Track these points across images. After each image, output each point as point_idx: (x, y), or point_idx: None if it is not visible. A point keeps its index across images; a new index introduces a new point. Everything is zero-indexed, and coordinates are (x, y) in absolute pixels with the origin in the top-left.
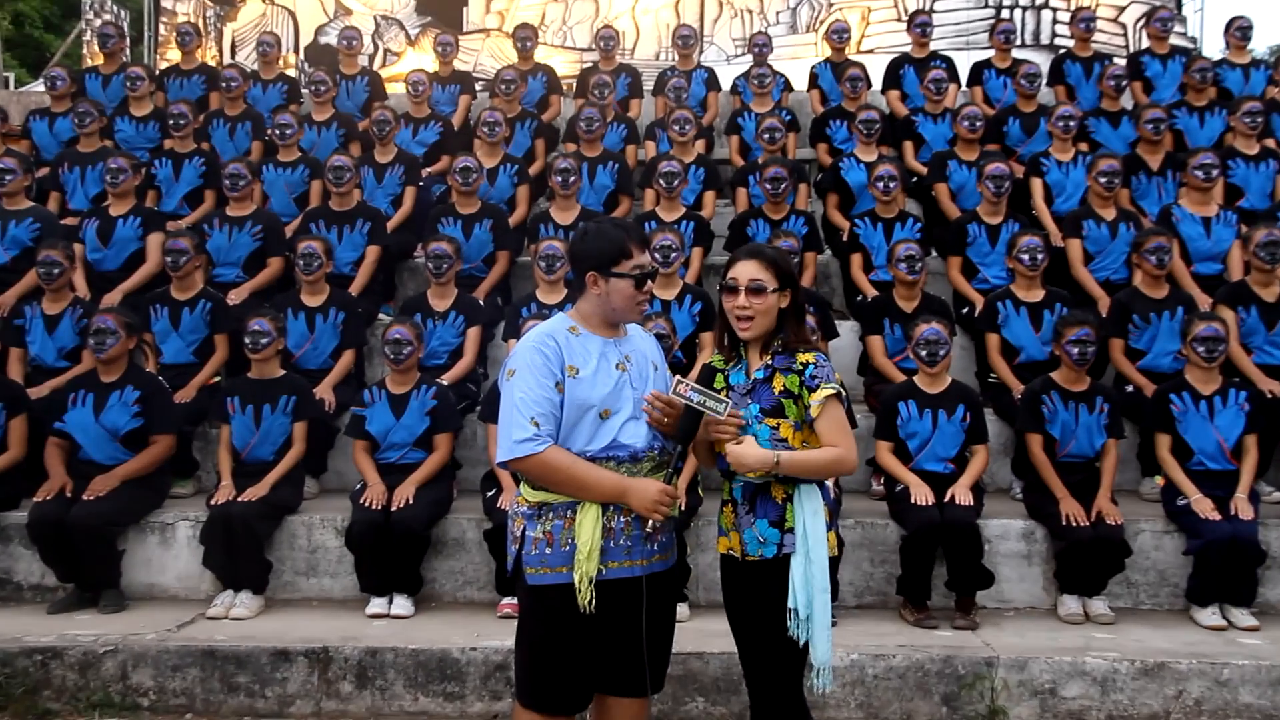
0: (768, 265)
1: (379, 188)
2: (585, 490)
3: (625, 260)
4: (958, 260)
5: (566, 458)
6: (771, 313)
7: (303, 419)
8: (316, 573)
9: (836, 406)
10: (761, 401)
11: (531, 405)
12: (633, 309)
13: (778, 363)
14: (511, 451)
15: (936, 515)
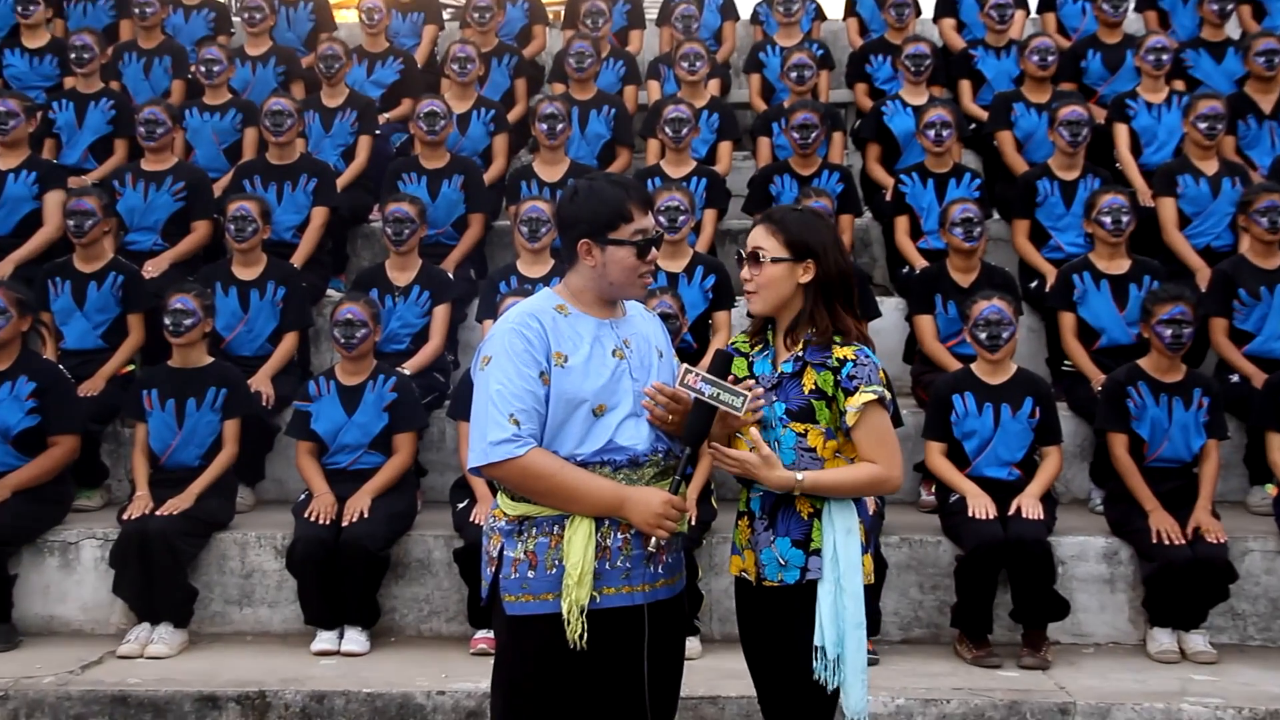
0: (774, 230)
1: (327, 137)
2: (575, 501)
3: (624, 224)
4: (1025, 224)
5: (553, 462)
6: (780, 288)
7: (235, 416)
8: (252, 601)
9: (878, 414)
10: (789, 401)
11: (511, 399)
12: (634, 283)
13: (810, 355)
14: (487, 455)
15: (999, 531)
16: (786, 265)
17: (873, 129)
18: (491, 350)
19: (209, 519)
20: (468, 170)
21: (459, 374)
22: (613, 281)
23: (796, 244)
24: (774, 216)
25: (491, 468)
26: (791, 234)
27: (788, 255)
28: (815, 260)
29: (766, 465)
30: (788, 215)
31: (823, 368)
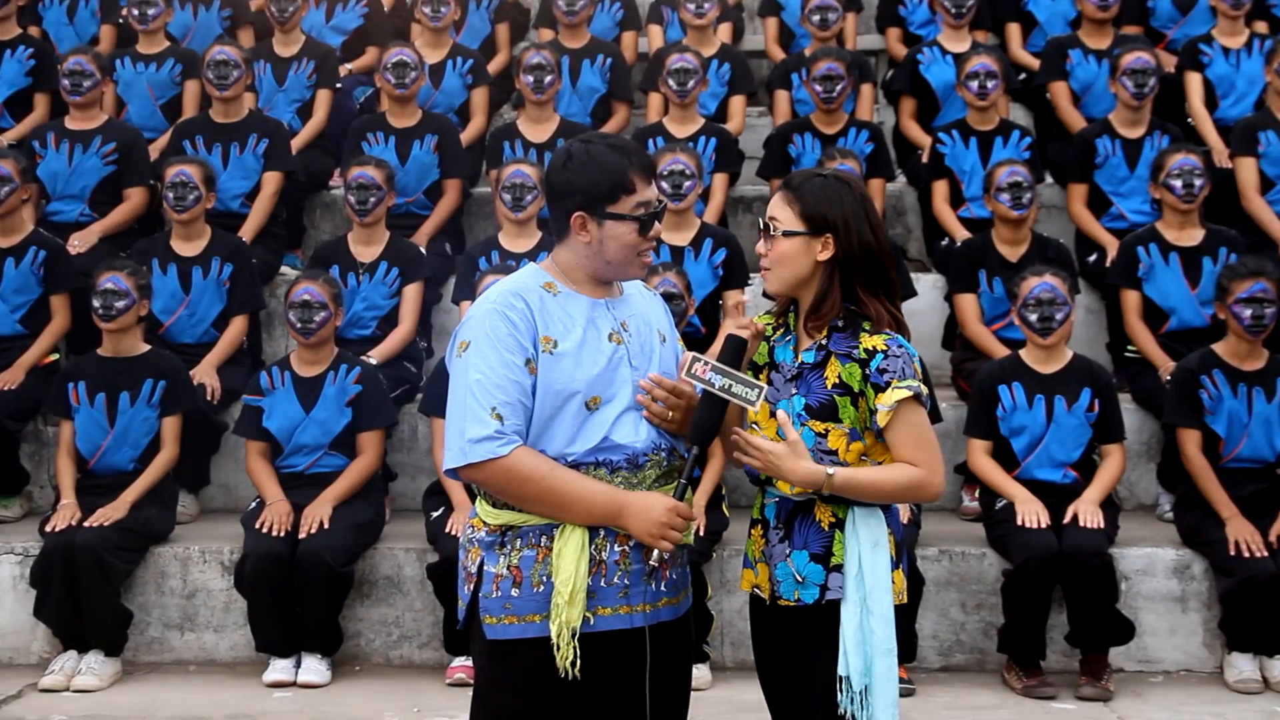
0: (789, 199)
1: (280, 91)
2: (567, 508)
3: (625, 196)
4: (1083, 189)
5: (541, 463)
6: (794, 266)
7: (175, 412)
8: (195, 625)
9: (914, 413)
10: (809, 395)
11: (492, 391)
12: (633, 262)
13: (835, 344)
14: (465, 455)
15: (1053, 542)
16: (802, 240)
17: (907, 80)
18: (470, 334)
19: (145, 531)
20: (442, 129)
21: (433, 363)
22: (609, 260)
23: (813, 216)
24: (792, 183)
25: (471, 469)
26: (808, 204)
27: (803, 228)
28: (834, 235)
29: (793, 455)
30: (807, 182)
31: (848, 359)
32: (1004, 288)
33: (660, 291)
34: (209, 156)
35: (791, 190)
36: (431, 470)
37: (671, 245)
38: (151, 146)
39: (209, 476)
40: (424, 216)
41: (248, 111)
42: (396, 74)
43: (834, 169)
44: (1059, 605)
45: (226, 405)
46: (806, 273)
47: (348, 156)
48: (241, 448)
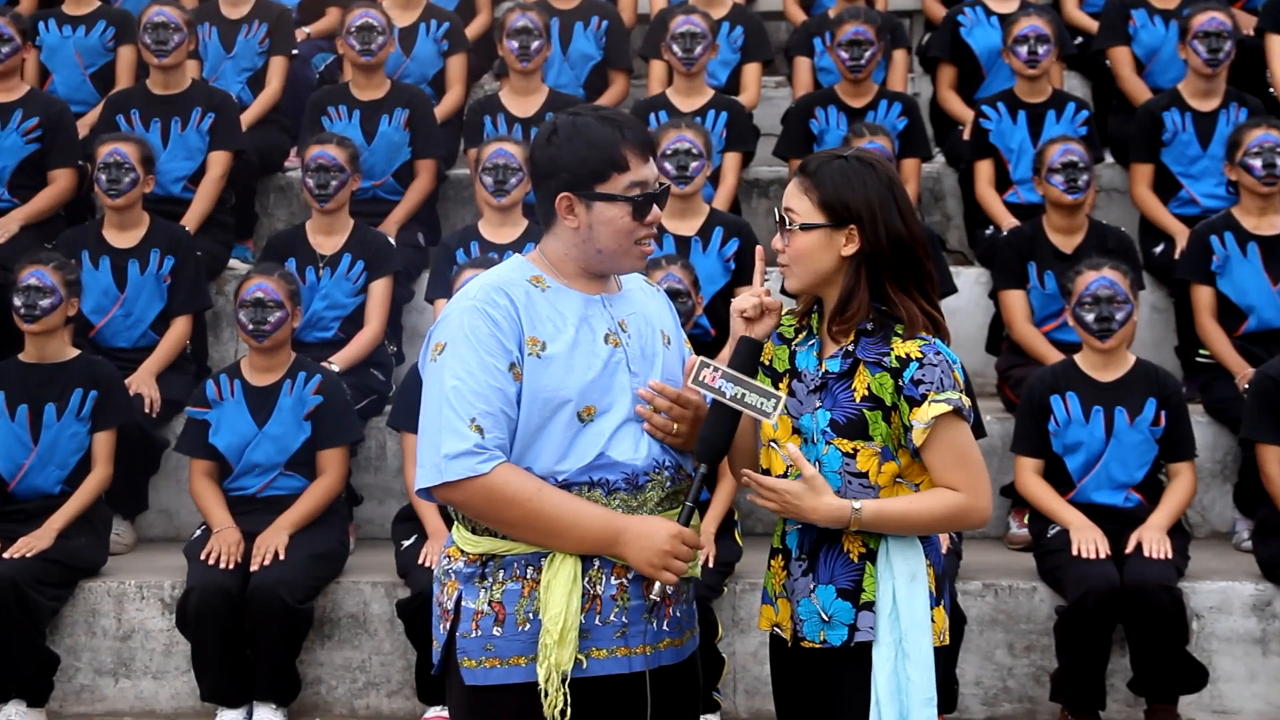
0: (806, 186)
1: (228, 58)
2: (555, 535)
3: (617, 174)
4: (1148, 169)
5: (528, 483)
6: (814, 263)
7: (108, 427)
8: (131, 671)
9: (955, 429)
10: (835, 410)
11: (471, 399)
12: (629, 252)
13: (864, 351)
14: (440, 473)
15: (1114, 575)
16: (822, 233)
17: (946, 45)
18: (446, 335)
19: (74, 563)
20: (414, 102)
21: (404, 371)
22: (601, 249)
23: (833, 205)
24: (808, 168)
25: (446, 489)
26: (827, 192)
27: (823, 220)
28: (858, 226)
29: (811, 492)
30: (825, 166)
31: (878, 368)
32: (1057, 283)
33: (664, 287)
34: (146, 133)
35: (808, 176)
36: (402, 493)
37: (676, 235)
38: (80, 122)
39: (147, 500)
40: (393, 202)
41: (191, 82)
42: (361, 39)
43: (858, 148)
44: (1121, 647)
45: (167, 419)
46: (829, 270)
47: (305, 133)
48: (184, 467)
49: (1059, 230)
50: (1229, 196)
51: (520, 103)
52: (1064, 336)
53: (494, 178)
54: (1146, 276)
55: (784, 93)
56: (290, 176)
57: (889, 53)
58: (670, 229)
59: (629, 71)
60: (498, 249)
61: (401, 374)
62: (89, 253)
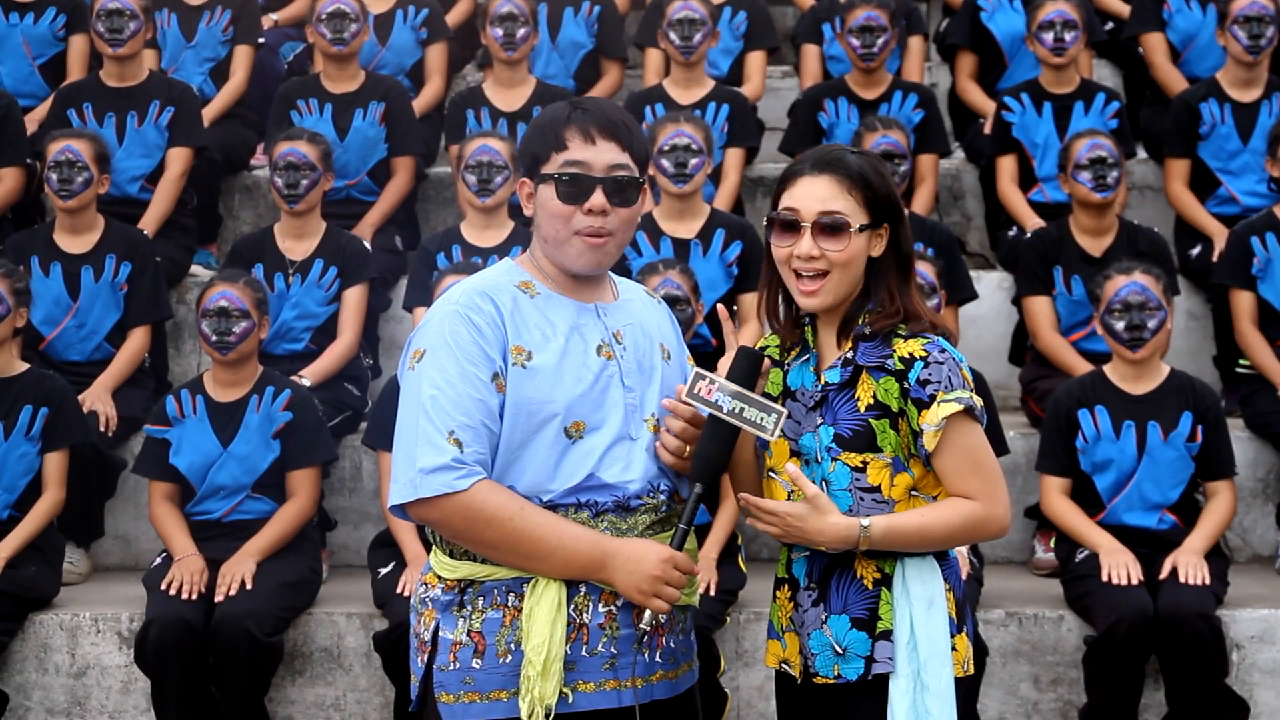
0: (852, 185)
1: (189, 48)
2: (538, 557)
3: (555, 153)
4: (1183, 166)
5: (509, 501)
6: (856, 266)
7: (60, 447)
8: (86, 710)
9: (967, 430)
10: (837, 424)
11: (450, 411)
12: (569, 242)
13: (863, 356)
14: (416, 488)
15: (1148, 602)
16: (867, 234)
17: (966, 32)
18: (426, 341)
19: (24, 594)
20: (391, 95)
21: (380, 385)
22: (545, 238)
23: (879, 203)
24: (845, 164)
25: (421, 506)
26: (874, 189)
27: (869, 220)
28: (892, 225)
29: (815, 513)
30: (860, 162)
31: (881, 372)
32: (1085, 289)
33: (661, 294)
34: (100, 129)
35: (849, 175)
36: (379, 517)
37: (674, 238)
38: (28, 117)
39: (103, 526)
40: (369, 203)
41: (148, 73)
42: (333, 26)
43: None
44: (1154, 680)
45: (125, 438)
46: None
47: (273, 129)
48: (143, 490)
49: (1087, 231)
50: (1271, 194)
51: (505, 95)
52: (1092, 346)
53: (477, 176)
54: (1182, 281)
55: (790, 83)
56: (257, 176)
57: (904, 40)
58: (668, 231)
59: (623, 61)
60: (481, 253)
61: (378, 389)
62: (39, 259)
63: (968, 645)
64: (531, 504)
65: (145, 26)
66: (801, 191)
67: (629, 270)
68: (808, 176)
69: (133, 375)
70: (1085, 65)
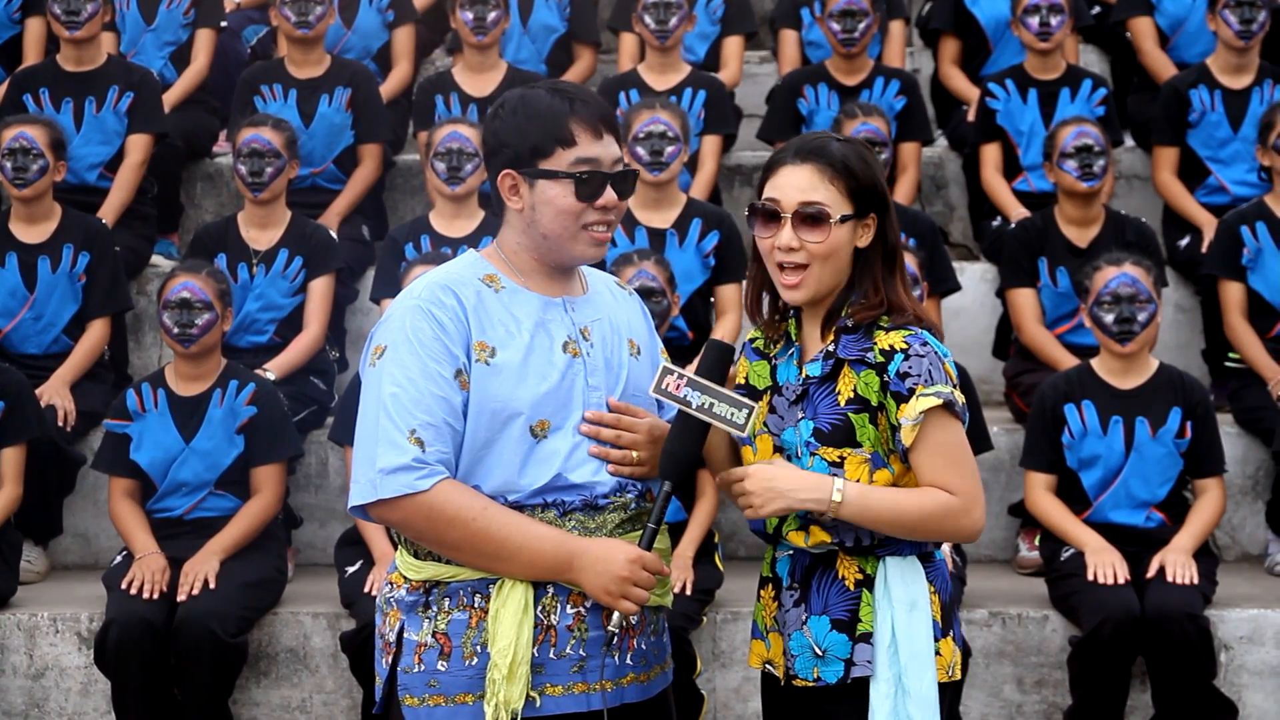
0: (835, 174)
1: (148, 31)
2: (502, 558)
3: (562, 149)
4: (1172, 154)
5: (471, 501)
6: (840, 257)
7: (16, 442)
8: (45, 712)
9: (945, 425)
10: (817, 418)
11: (411, 409)
12: (576, 238)
13: (844, 349)
14: (376, 489)
15: (1134, 602)
16: (850, 226)
17: (949, 16)
18: (387, 337)
19: None
20: (356, 81)
21: (347, 378)
22: (545, 233)
23: (864, 192)
24: (828, 152)
25: (382, 507)
26: (859, 178)
27: (852, 210)
28: (879, 216)
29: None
30: (845, 150)
31: (862, 365)
32: (1071, 280)
33: (635, 286)
34: (57, 115)
35: (831, 164)
36: (345, 514)
37: (650, 228)
38: None
39: (61, 524)
40: (335, 192)
41: (107, 57)
42: (297, 9)
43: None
44: (1141, 681)
45: (84, 432)
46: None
47: (236, 115)
48: (103, 487)
49: (1073, 222)
50: (1262, 183)
51: (475, 80)
52: (1079, 339)
53: (447, 164)
54: (1170, 272)
55: (769, 69)
56: (220, 163)
57: (885, 24)
58: (643, 221)
59: (596, 46)
60: (451, 243)
61: (344, 382)
62: None
63: (954, 650)
64: (495, 504)
65: (104, 9)
66: (783, 181)
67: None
68: (789, 165)
69: (92, 368)
70: (1071, 51)
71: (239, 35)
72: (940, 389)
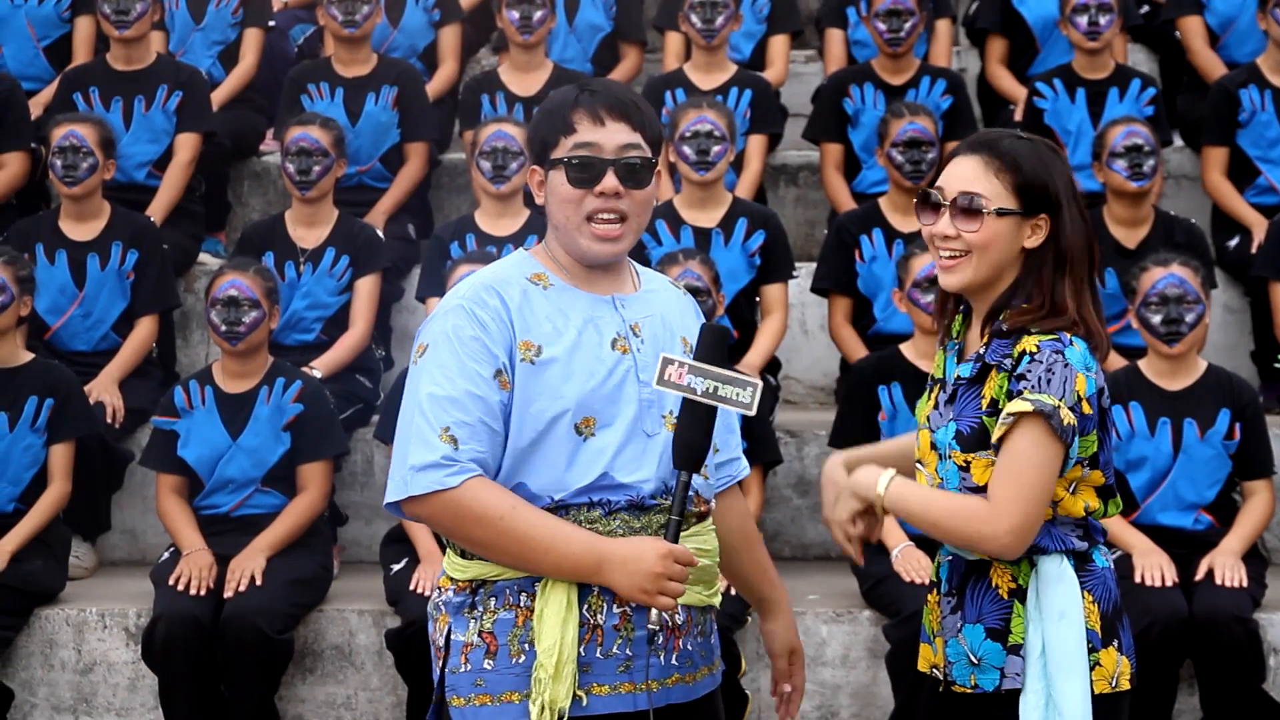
0: (1000, 167)
1: (197, 30)
2: (530, 559)
3: (564, 137)
4: (1221, 154)
5: (500, 500)
6: (998, 250)
7: (65, 439)
8: (93, 708)
9: (1035, 437)
10: (960, 419)
11: (447, 407)
12: (580, 229)
13: (992, 353)
14: (406, 486)
15: (1182, 605)
16: (1013, 220)
17: (996, 15)
18: (429, 336)
19: (29, 589)
20: (403, 79)
21: (393, 377)
22: (557, 226)
23: (1032, 189)
24: (998, 146)
25: (413, 503)
26: (1026, 174)
27: (1017, 206)
28: (1052, 215)
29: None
30: (1017, 145)
31: (1002, 369)
32: (1119, 281)
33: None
34: (107, 114)
35: (999, 156)
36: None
37: (695, 227)
38: (33, 101)
39: (110, 520)
40: (381, 190)
41: (156, 56)
42: (344, 8)
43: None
44: (1189, 685)
45: (132, 429)
46: (1008, 263)
47: (284, 114)
48: (150, 483)
49: (1121, 222)
50: None
51: (521, 80)
52: (1126, 340)
53: (492, 162)
54: (1219, 273)
55: (815, 68)
56: (267, 162)
57: (932, 23)
58: (689, 220)
59: (642, 45)
60: (496, 242)
61: (390, 381)
62: (44, 246)
63: (1116, 660)
64: (525, 503)
65: (153, 8)
66: (951, 170)
67: (648, 260)
68: (960, 156)
69: (140, 365)
70: (1120, 50)
71: (286, 34)
72: (1043, 398)
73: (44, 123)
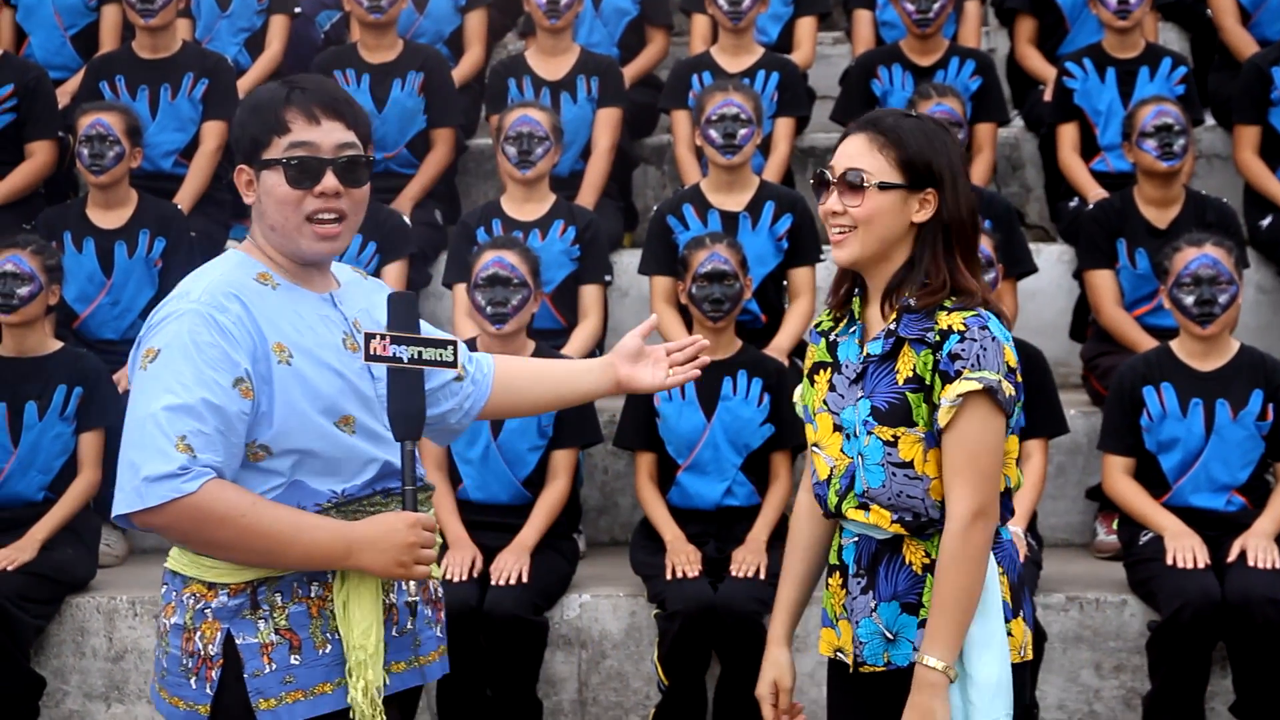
0: (884, 143)
1: (224, 18)
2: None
3: (277, 138)
4: (1254, 132)
5: (240, 498)
6: (885, 227)
7: (96, 427)
8: (125, 695)
9: (984, 416)
10: (874, 396)
11: (183, 416)
12: (300, 229)
13: (905, 328)
14: (141, 498)
15: (1215, 587)
16: (898, 195)
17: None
18: (161, 340)
19: (60, 577)
20: (429, 65)
21: None
22: (274, 226)
23: (915, 164)
24: (882, 123)
25: (148, 515)
26: (909, 150)
27: (901, 180)
28: (938, 190)
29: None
30: (900, 123)
31: (922, 345)
32: (1150, 262)
33: (708, 269)
34: (133, 102)
35: (882, 133)
36: None
37: (722, 211)
38: (60, 89)
39: None
40: (408, 176)
41: (182, 44)
42: None
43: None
44: (1222, 667)
45: None
46: (896, 238)
47: None
48: None
49: (1152, 202)
50: None
51: (548, 64)
52: (1158, 321)
53: (518, 148)
54: (1252, 253)
55: (842, 50)
56: None
57: (960, 4)
58: (716, 204)
59: (669, 28)
60: (522, 227)
61: None
62: (71, 235)
63: (1024, 630)
64: (264, 499)
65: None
66: (840, 149)
67: (675, 244)
68: (850, 135)
69: None
70: (1150, 29)
71: (312, 21)
72: (986, 374)
73: (71, 111)
